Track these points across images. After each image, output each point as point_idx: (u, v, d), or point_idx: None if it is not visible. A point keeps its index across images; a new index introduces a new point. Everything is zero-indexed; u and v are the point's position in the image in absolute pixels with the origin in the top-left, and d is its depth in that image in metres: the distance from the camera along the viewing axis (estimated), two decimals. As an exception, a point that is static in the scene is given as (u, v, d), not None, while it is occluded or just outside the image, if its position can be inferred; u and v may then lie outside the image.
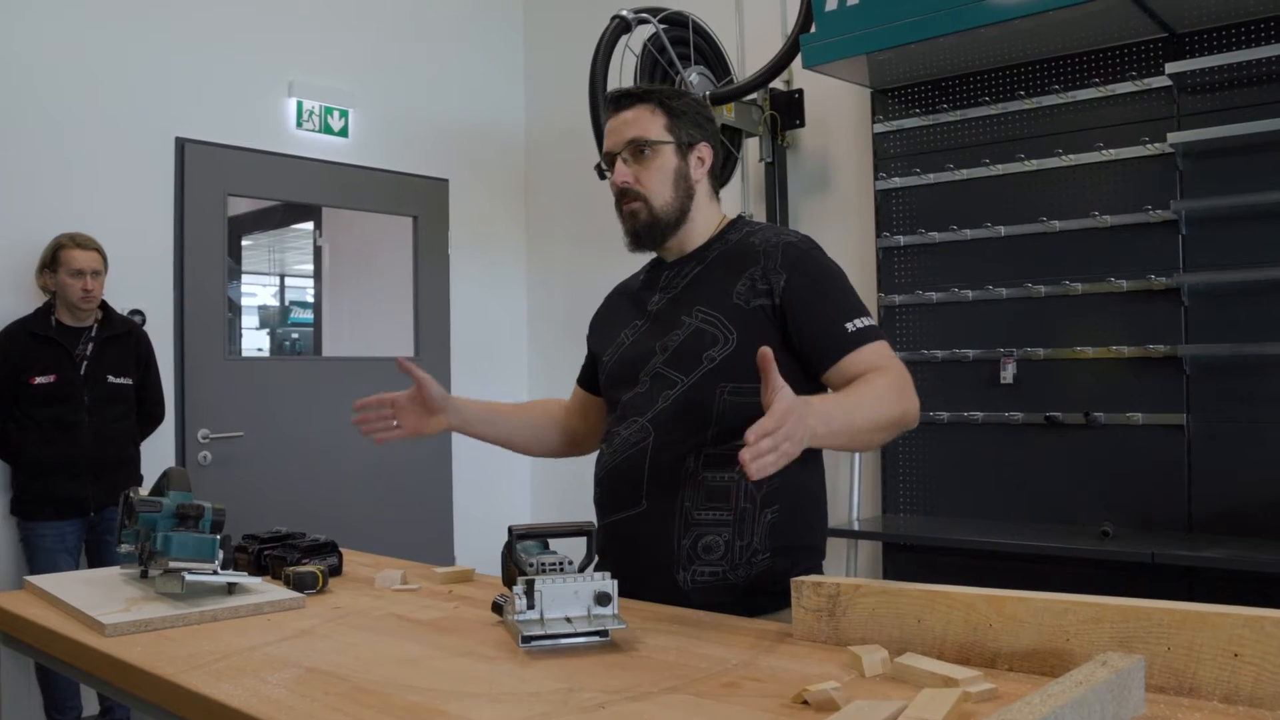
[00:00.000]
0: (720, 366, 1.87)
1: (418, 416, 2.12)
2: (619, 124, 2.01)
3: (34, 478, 3.84)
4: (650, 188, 1.97)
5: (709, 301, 1.93)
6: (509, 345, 5.83)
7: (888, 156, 4.26)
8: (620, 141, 1.99)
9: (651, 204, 1.98)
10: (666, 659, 1.47)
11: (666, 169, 1.98)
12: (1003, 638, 1.36)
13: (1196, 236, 3.55)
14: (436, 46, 5.55)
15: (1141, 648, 1.24)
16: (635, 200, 1.98)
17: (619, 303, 2.17)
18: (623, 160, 1.99)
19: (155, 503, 1.88)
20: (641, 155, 1.97)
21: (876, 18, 3.71)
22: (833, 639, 1.52)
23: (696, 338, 1.90)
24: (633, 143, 1.98)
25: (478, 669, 1.46)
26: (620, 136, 1.99)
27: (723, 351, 1.87)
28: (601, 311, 2.23)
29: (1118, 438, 3.68)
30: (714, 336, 1.89)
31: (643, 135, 1.97)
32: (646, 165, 1.98)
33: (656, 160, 1.98)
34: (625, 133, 1.99)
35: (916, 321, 4.18)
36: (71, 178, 4.20)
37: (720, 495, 1.85)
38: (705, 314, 1.92)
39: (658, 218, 1.98)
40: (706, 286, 1.96)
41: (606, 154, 2.02)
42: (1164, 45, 3.60)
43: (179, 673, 1.44)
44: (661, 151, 1.98)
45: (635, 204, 1.98)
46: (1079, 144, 3.78)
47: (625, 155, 1.99)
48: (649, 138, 1.97)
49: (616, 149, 1.99)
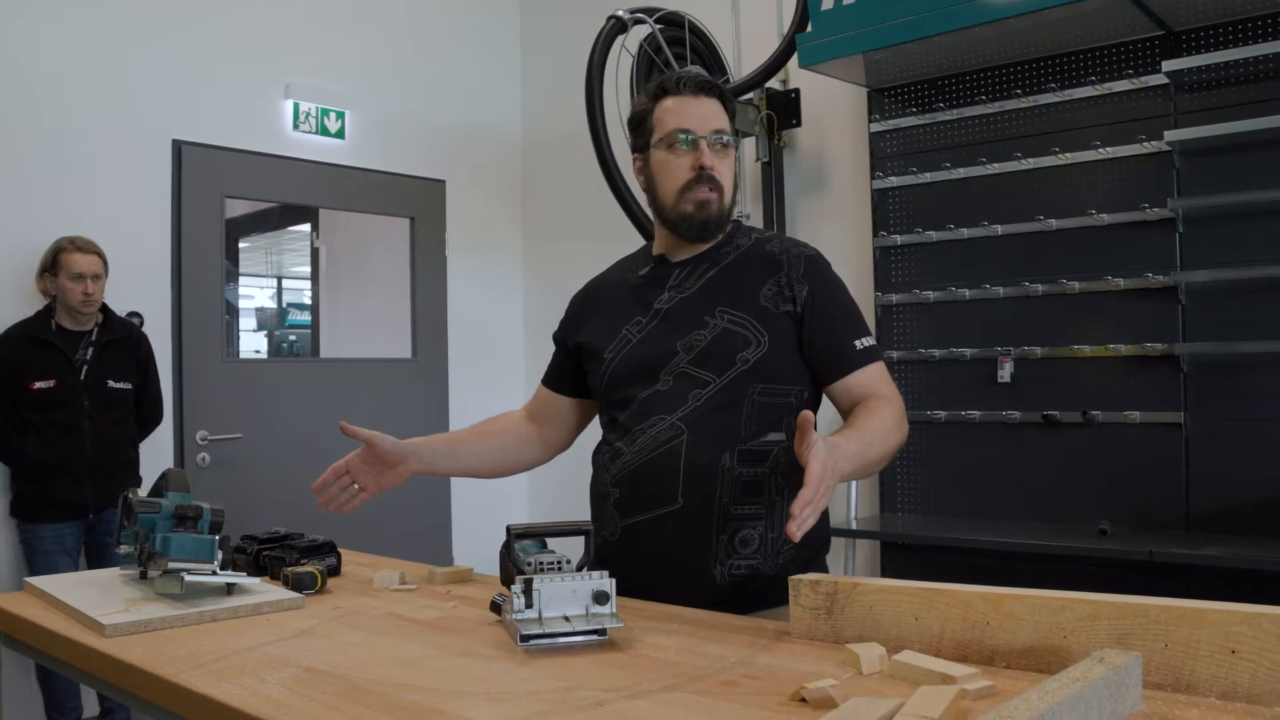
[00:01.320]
0: (753, 368, 1.91)
1: (377, 474, 2.12)
2: (704, 111, 1.99)
3: (34, 481, 3.84)
4: (725, 181, 2.00)
5: (735, 303, 1.96)
6: (506, 346, 5.84)
7: (884, 156, 4.27)
8: (707, 128, 1.98)
9: (724, 196, 2.00)
10: (665, 657, 1.47)
11: (733, 168, 2.04)
12: (1000, 635, 1.36)
13: (1193, 235, 3.55)
14: (432, 48, 5.55)
15: (1139, 644, 1.24)
16: (716, 189, 1.98)
17: (608, 298, 2.15)
18: (708, 145, 1.98)
19: (154, 504, 1.88)
20: (725, 147, 2.00)
21: (872, 17, 3.72)
22: (830, 637, 1.52)
23: (726, 338, 1.93)
24: (719, 133, 1.99)
25: (476, 668, 1.46)
26: (707, 123, 1.99)
27: (756, 353, 1.91)
28: (585, 306, 2.20)
29: (1115, 436, 3.69)
30: (745, 338, 1.92)
31: (725, 129, 2.00)
32: (725, 158, 2.00)
33: (730, 158, 2.01)
34: (712, 121, 1.99)
35: (914, 321, 4.18)
36: (69, 181, 4.21)
37: (755, 489, 1.90)
38: (733, 315, 1.94)
39: (725, 212, 2.01)
40: (729, 288, 1.98)
41: (683, 131, 1.98)
42: (1160, 43, 3.60)
43: (179, 673, 1.44)
44: (732, 151, 2.03)
45: (714, 193, 1.98)
46: (1076, 142, 3.78)
47: (711, 141, 1.99)
48: (729, 134, 2.00)
49: (703, 133, 1.98)
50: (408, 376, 5.38)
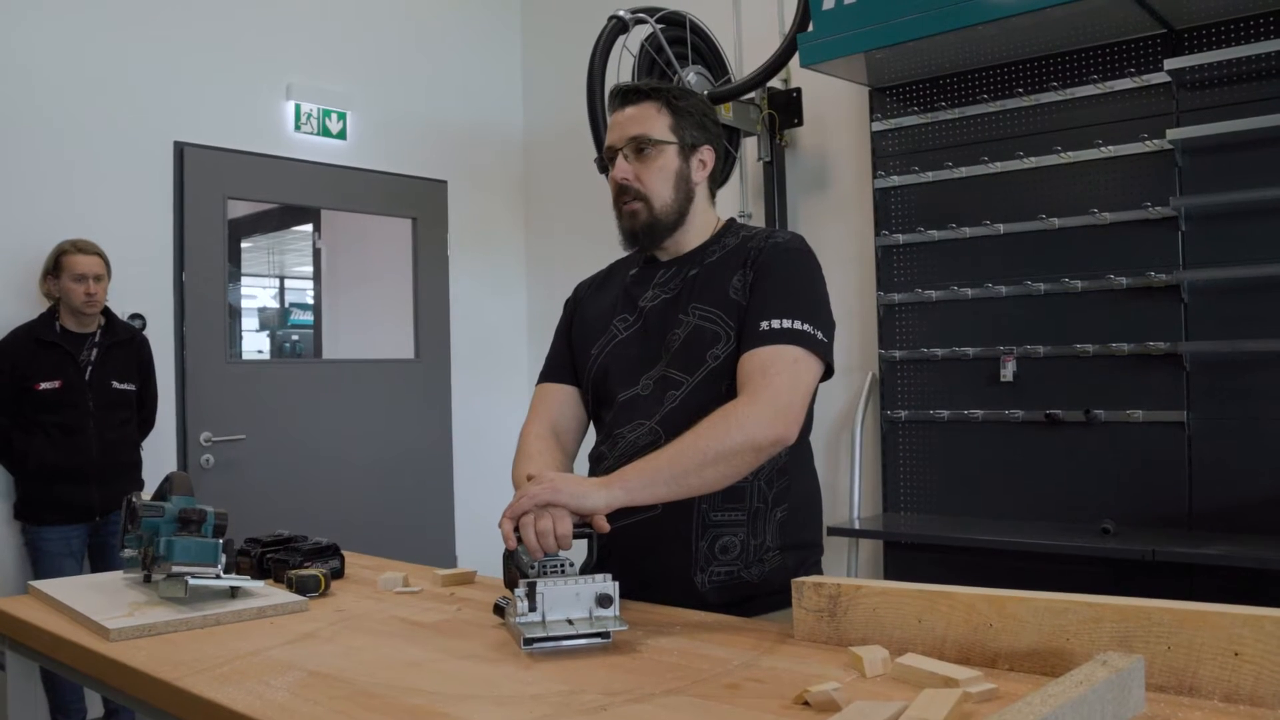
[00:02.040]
0: (723, 365, 1.86)
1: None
2: (623, 119, 1.98)
3: (39, 483, 3.85)
4: (651, 187, 1.95)
5: (708, 299, 1.92)
6: (509, 346, 5.83)
7: (886, 154, 4.26)
8: (623, 137, 1.96)
9: (651, 204, 1.96)
10: (668, 660, 1.48)
11: (668, 169, 1.96)
12: (1003, 638, 1.36)
13: (1196, 233, 3.55)
14: (434, 48, 5.55)
15: (1142, 647, 1.24)
16: (635, 200, 1.96)
17: (598, 296, 2.14)
18: (624, 157, 1.96)
19: (158, 508, 1.89)
20: (643, 154, 1.95)
21: (874, 16, 3.71)
22: (834, 639, 1.52)
23: (697, 336, 1.90)
24: (635, 140, 1.95)
25: (480, 671, 1.46)
26: (623, 132, 1.96)
27: (725, 349, 1.87)
28: (579, 304, 2.18)
29: (1118, 435, 3.68)
30: (715, 334, 1.88)
31: (646, 133, 1.95)
32: (648, 164, 1.95)
33: (659, 160, 1.96)
34: (629, 129, 1.96)
35: (916, 320, 4.18)
36: (71, 183, 4.21)
37: (736, 495, 1.85)
38: (703, 310, 1.91)
39: (657, 218, 1.96)
40: (705, 286, 1.94)
41: (608, 148, 1.99)
42: (1163, 41, 3.59)
43: (183, 677, 1.44)
44: (664, 151, 1.96)
45: (635, 204, 1.96)
46: (1078, 141, 3.78)
47: (627, 152, 1.96)
48: (652, 136, 1.95)
49: (619, 144, 1.96)
50: (410, 377, 5.38)
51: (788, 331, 1.80)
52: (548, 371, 2.16)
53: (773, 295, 1.86)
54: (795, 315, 1.82)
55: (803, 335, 1.81)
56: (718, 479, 1.72)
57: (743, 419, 1.72)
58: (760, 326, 1.82)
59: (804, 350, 1.80)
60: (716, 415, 1.73)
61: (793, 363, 1.79)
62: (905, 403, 4.20)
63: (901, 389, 4.21)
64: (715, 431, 1.70)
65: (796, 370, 1.79)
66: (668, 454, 1.71)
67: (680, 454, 1.70)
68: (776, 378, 1.76)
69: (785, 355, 1.79)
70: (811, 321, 1.83)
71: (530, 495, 1.65)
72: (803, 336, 1.81)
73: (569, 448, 2.09)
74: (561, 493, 1.65)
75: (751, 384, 1.77)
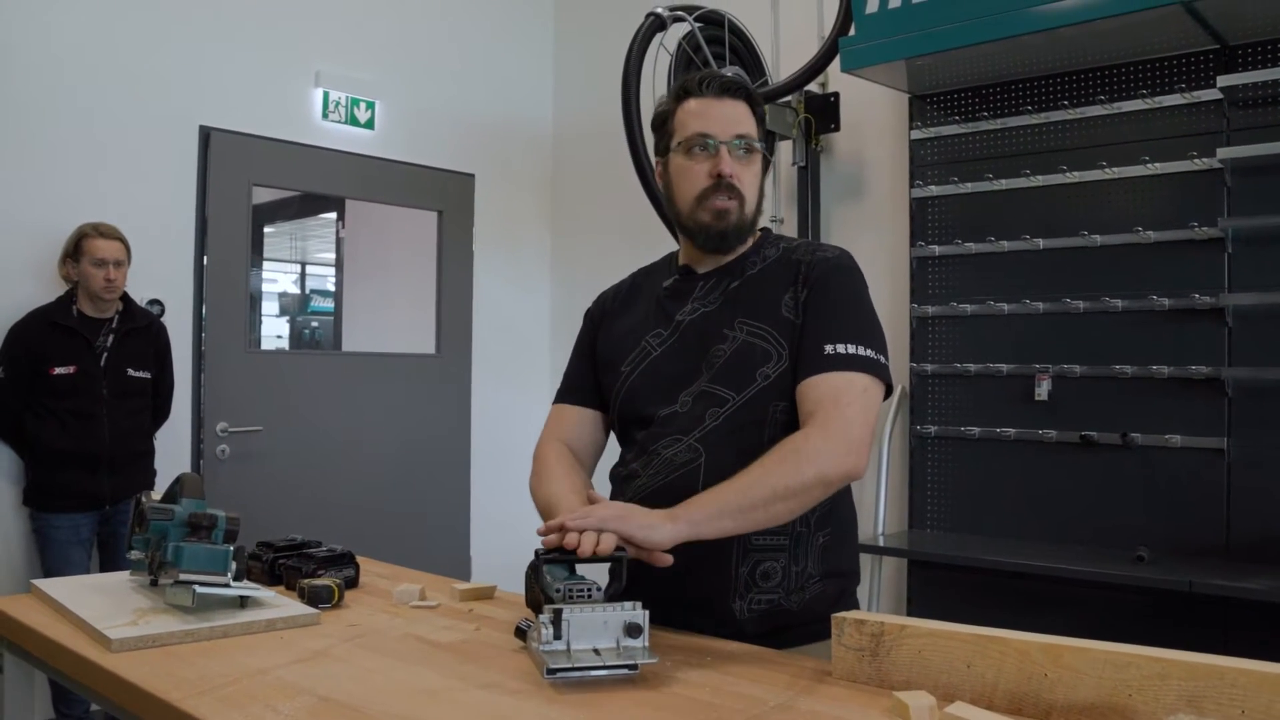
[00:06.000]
0: (774, 384, 1.79)
1: None
2: (729, 112, 1.87)
3: (50, 470, 3.79)
4: (747, 189, 1.88)
5: (756, 314, 1.83)
6: (532, 344, 5.76)
7: (924, 164, 4.17)
8: (729, 132, 1.86)
9: (745, 206, 1.88)
10: (699, 696, 1.39)
11: (759, 175, 1.91)
12: (1058, 689, 1.28)
13: (1243, 255, 3.44)
14: (465, 39, 5.49)
15: (1213, 709, 1.16)
16: (735, 197, 1.86)
17: (624, 310, 2.05)
18: (728, 151, 1.86)
19: (167, 510, 1.81)
20: (745, 155, 1.87)
21: (919, 22, 3.62)
22: (875, 680, 1.44)
23: (746, 351, 1.81)
24: (745, 139, 1.87)
25: (501, 703, 1.38)
26: (731, 127, 1.86)
27: (776, 368, 1.79)
28: (605, 316, 2.09)
29: (1155, 460, 3.58)
30: (765, 352, 1.80)
31: (750, 134, 1.87)
32: (748, 166, 1.88)
33: (754, 164, 1.89)
34: (734, 126, 1.86)
35: (949, 334, 4.08)
36: (95, 164, 4.15)
37: None
38: (752, 327, 1.83)
39: (746, 222, 1.89)
40: (751, 300, 1.86)
41: (701, 135, 1.86)
42: (1215, 57, 3.49)
43: (186, 697, 1.37)
44: (758, 157, 1.90)
45: (733, 201, 1.86)
46: (1124, 156, 3.68)
47: (733, 148, 1.86)
48: (755, 139, 1.88)
49: (724, 138, 1.86)
50: (431, 373, 5.31)
51: (855, 358, 1.75)
52: (565, 392, 2.09)
53: (833, 317, 1.79)
54: (859, 340, 1.76)
55: (869, 362, 1.76)
56: (785, 514, 1.66)
57: (815, 454, 1.65)
58: (825, 350, 1.75)
59: (871, 378, 1.76)
60: (787, 448, 1.66)
61: (862, 392, 1.73)
62: (936, 418, 4.10)
63: (932, 404, 4.11)
64: (786, 467, 1.64)
65: (866, 400, 1.74)
66: (735, 487, 1.63)
67: (749, 488, 1.63)
68: (849, 408, 1.70)
69: (856, 384, 1.73)
70: (873, 346, 1.78)
71: (600, 517, 1.60)
72: (869, 363, 1.76)
73: (587, 469, 2.03)
74: (630, 522, 1.59)
75: (823, 413, 1.70)
